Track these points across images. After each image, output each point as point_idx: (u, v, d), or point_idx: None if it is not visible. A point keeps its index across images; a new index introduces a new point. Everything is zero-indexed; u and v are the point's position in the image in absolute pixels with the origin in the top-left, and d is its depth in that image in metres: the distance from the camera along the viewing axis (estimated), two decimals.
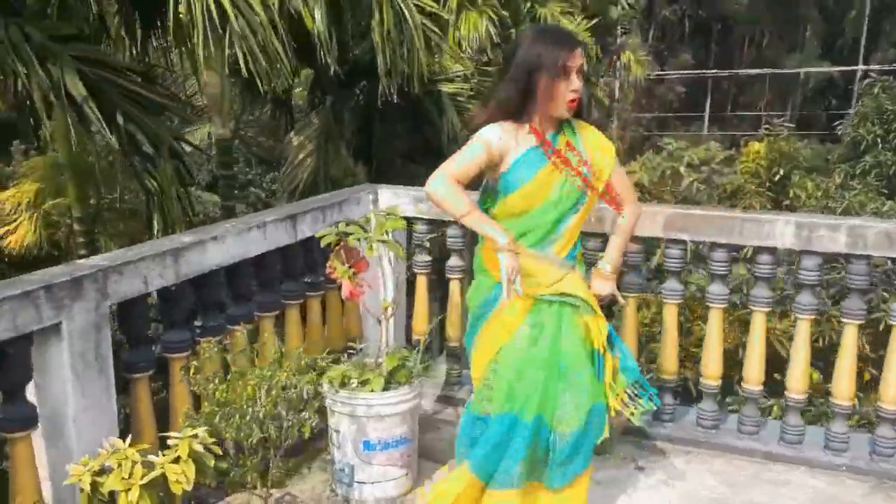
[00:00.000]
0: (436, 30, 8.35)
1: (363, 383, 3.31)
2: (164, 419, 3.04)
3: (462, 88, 9.89)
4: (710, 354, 3.82)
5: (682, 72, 35.13)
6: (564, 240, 2.86)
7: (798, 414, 3.74)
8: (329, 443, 3.42)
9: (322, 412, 3.31)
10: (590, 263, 3.25)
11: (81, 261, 2.69)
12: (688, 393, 6.24)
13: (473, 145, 2.77)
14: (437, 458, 3.71)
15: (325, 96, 10.48)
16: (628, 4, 23.16)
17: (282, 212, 3.58)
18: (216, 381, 2.69)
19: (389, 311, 3.37)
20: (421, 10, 8.15)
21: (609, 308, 3.34)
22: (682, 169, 15.52)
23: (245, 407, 2.64)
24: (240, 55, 5.47)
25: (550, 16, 15.31)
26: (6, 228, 8.76)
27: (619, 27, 25.56)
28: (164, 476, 2.22)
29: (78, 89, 4.96)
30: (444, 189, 2.71)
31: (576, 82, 2.70)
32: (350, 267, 3.49)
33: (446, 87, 9.73)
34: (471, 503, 2.84)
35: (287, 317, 3.75)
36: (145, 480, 2.20)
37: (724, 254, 3.69)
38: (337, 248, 3.43)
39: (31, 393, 2.52)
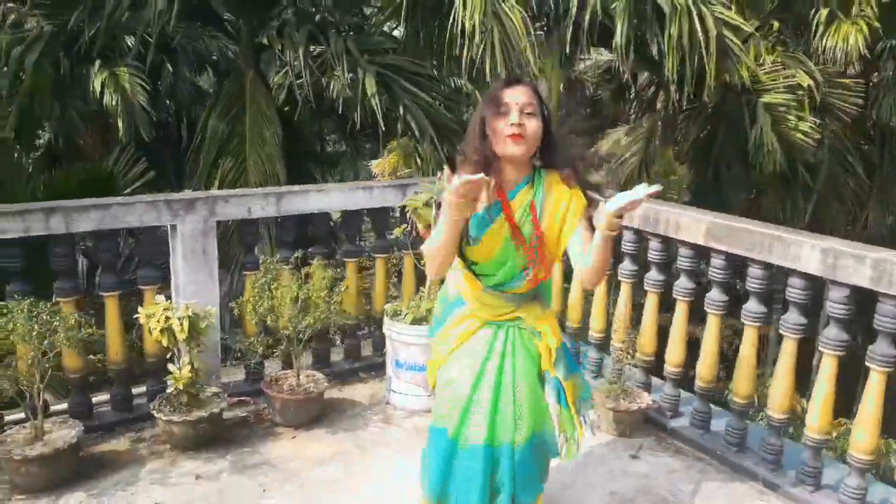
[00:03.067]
0: (737, 41, 7.70)
1: (405, 316, 3.79)
2: None
3: (784, 99, 8.84)
4: (741, 372, 3.35)
5: None
6: (524, 284, 2.42)
7: (818, 453, 3.09)
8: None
9: None
10: None
11: (206, 190, 3.72)
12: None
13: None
14: None
15: (655, 102, 10.32)
16: None
17: (395, 182, 4.19)
18: (268, 284, 3.50)
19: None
20: (725, 23, 7.62)
21: None
22: None
23: (267, 302, 3.42)
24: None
25: None
26: None
27: None
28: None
29: (371, 88, 6.13)
30: (426, 250, 2.32)
31: (515, 117, 2.27)
32: (428, 228, 3.97)
33: (765, 98, 8.82)
34: None
35: (404, 260, 4.35)
36: (164, 325, 3.14)
37: (759, 270, 3.20)
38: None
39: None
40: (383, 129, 6.00)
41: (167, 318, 3.19)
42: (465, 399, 2.36)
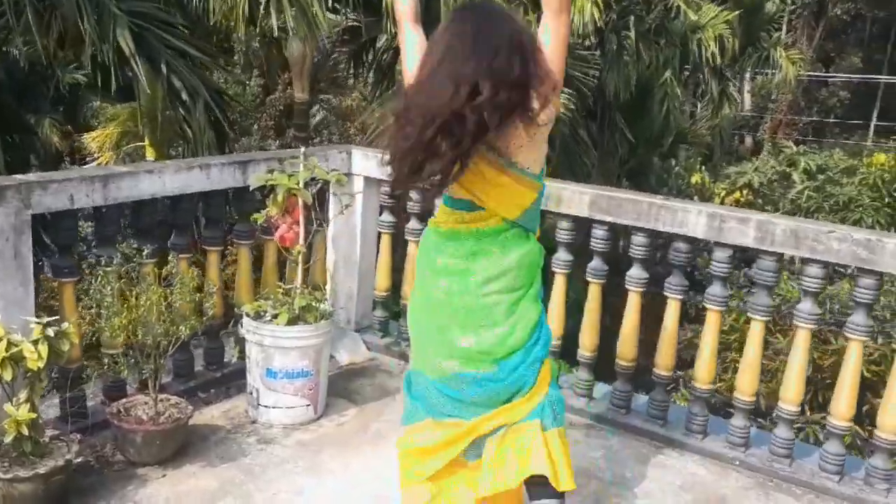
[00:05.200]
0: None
1: (274, 317, 3.72)
2: None
3: None
4: (624, 335, 3.95)
5: (847, 75, 33.18)
6: None
7: (703, 404, 3.81)
8: (247, 368, 3.85)
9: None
10: None
11: (15, 175, 3.25)
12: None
13: None
14: (352, 399, 4.08)
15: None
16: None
17: (233, 158, 4.03)
18: (108, 291, 3.18)
19: (301, 255, 3.75)
20: None
21: None
22: (794, 175, 14.93)
23: (110, 313, 3.12)
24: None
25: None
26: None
27: (779, 23, 24.54)
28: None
29: (127, 44, 5.64)
30: None
31: None
32: (285, 213, 3.92)
33: None
34: None
35: (239, 254, 4.21)
36: (7, 353, 2.72)
37: (644, 238, 3.80)
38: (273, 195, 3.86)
39: None
40: (147, 91, 5.58)
41: (10, 345, 2.75)
42: None
